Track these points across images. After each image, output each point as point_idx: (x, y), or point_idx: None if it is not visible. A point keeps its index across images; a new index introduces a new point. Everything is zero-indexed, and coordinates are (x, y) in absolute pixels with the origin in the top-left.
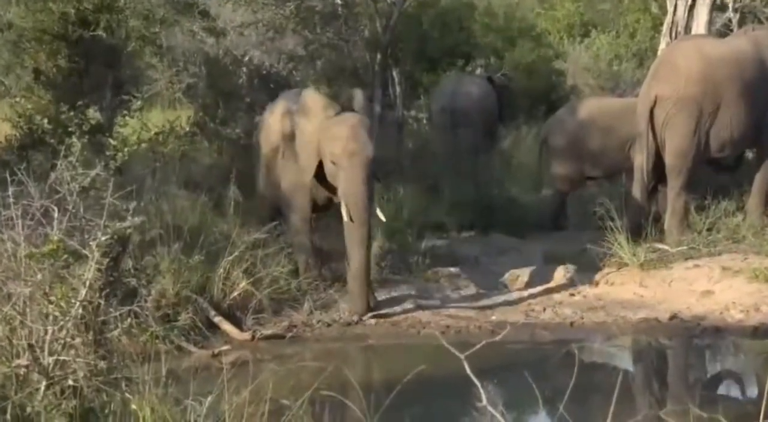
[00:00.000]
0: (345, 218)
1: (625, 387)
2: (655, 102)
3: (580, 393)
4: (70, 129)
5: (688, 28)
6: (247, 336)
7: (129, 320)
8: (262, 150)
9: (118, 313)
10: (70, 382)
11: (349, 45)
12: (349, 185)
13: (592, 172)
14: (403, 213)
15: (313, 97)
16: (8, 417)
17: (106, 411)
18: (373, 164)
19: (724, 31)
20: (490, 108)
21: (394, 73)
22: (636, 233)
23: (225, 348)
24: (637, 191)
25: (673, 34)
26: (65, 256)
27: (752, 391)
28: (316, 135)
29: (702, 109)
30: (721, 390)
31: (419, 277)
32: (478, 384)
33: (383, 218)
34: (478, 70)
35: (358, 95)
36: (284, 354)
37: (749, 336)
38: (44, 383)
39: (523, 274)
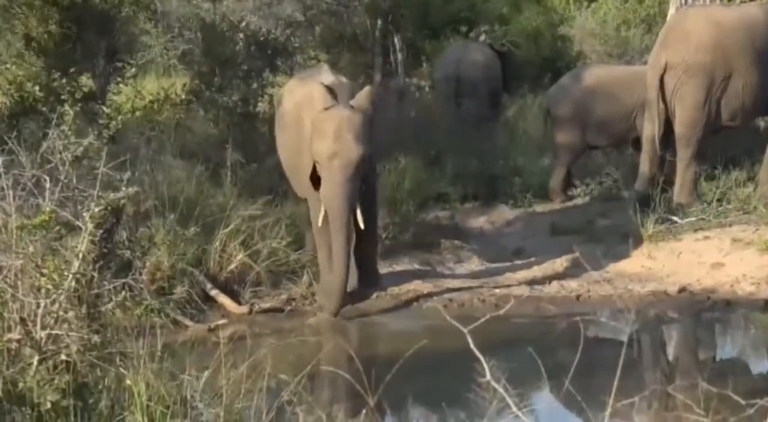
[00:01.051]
0: (319, 222)
1: (632, 362)
2: (665, 69)
3: (586, 367)
4: (62, 97)
5: None
6: (244, 309)
7: (123, 293)
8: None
9: (112, 286)
10: (63, 357)
11: (348, 11)
12: (327, 187)
13: (596, 141)
14: (405, 184)
15: (311, 86)
16: (0, 392)
17: (100, 386)
18: (359, 165)
19: None
20: (495, 77)
21: (395, 40)
22: (644, 204)
23: (222, 321)
24: (645, 161)
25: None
26: (57, 227)
27: (763, 366)
28: (309, 131)
29: (713, 77)
30: (732, 364)
31: (421, 249)
32: (482, 358)
33: (362, 225)
34: (482, 38)
35: (363, 93)
36: (283, 328)
37: (760, 310)
38: (36, 358)
39: None
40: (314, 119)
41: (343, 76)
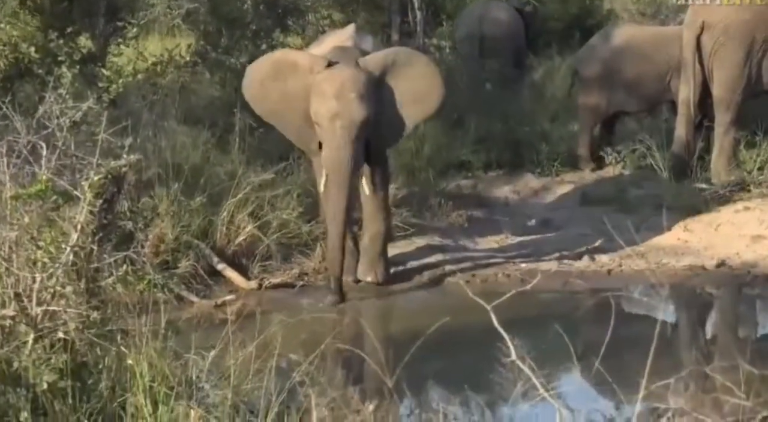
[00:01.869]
0: (320, 188)
1: (667, 341)
2: (702, 29)
3: (618, 346)
4: (59, 58)
5: None
6: (253, 284)
7: (124, 267)
8: None
9: (112, 259)
10: (61, 335)
11: None
12: (328, 151)
13: (627, 105)
14: (424, 150)
15: (294, 52)
16: None
17: (100, 366)
18: (363, 127)
19: None
20: (518, 35)
21: None
22: (680, 173)
23: (229, 297)
24: (681, 127)
25: None
26: (54, 197)
27: None
28: (304, 94)
29: (753, 37)
30: None
31: (442, 221)
32: (506, 337)
33: (367, 192)
34: None
35: (377, 55)
36: (294, 304)
37: None
38: (32, 336)
39: None
40: (313, 80)
41: (370, 38)
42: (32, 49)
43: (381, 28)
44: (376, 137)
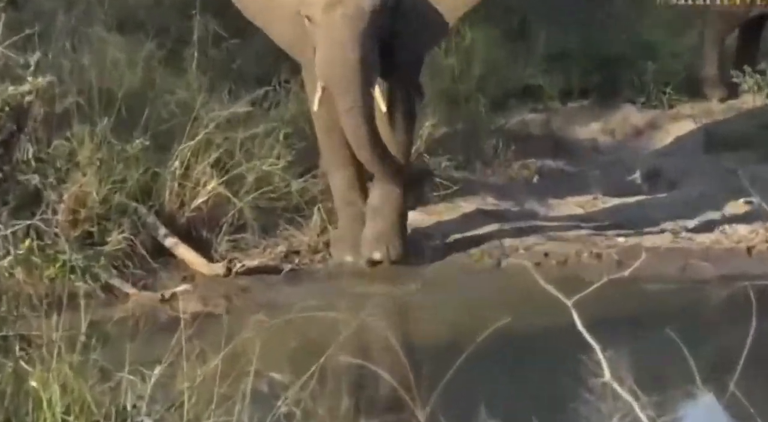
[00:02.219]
0: (315, 106)
1: None
2: None
3: (762, 360)
4: None
5: None
6: (218, 268)
7: (27, 242)
8: None
9: (9, 231)
10: None
11: None
12: (326, 52)
13: None
14: (473, 70)
15: None
16: None
17: None
18: (375, 18)
19: None
20: None
21: None
22: None
23: (182, 288)
24: None
25: None
26: None
27: None
28: None
29: None
30: None
31: (499, 175)
32: (596, 346)
33: (383, 108)
34: None
35: None
36: (278, 298)
37: None
38: None
39: None
40: None
41: None
42: None
43: None
44: (397, 43)
